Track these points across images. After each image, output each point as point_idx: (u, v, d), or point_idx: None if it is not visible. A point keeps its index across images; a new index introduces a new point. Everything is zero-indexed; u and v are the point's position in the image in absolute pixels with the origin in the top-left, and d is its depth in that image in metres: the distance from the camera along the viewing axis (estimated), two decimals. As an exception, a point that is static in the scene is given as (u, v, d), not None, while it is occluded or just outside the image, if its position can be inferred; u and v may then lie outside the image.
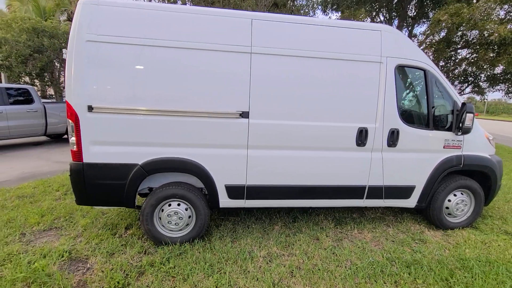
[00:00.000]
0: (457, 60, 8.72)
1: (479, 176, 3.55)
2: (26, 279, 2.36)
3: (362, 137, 3.07)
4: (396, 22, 10.49)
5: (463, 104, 3.13)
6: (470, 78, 9.38)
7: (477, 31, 6.96)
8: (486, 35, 6.72)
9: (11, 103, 7.60)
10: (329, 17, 11.06)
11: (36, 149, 8.08)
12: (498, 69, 8.48)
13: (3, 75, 14.79)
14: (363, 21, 11.34)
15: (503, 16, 7.30)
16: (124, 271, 2.55)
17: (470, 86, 9.65)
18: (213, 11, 2.88)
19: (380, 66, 3.04)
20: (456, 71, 9.39)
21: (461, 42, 7.85)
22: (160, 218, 2.98)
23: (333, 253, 2.93)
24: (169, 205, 2.97)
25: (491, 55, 7.24)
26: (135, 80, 2.73)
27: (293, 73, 2.93)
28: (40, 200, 4.17)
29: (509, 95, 9.37)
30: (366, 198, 3.29)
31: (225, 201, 3.07)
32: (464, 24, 6.52)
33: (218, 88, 2.84)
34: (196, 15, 2.81)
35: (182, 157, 2.87)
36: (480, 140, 3.44)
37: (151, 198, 2.90)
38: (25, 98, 7.94)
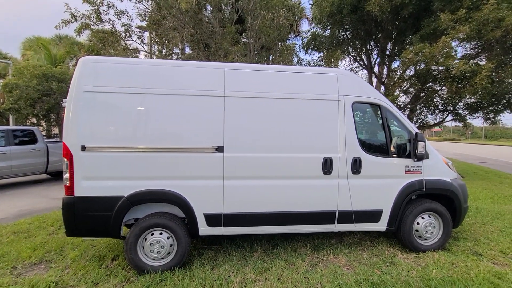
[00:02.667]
0: (428, 93, 9.37)
1: (445, 200, 3.80)
2: (13, 308, 2.53)
3: (327, 165, 3.40)
4: (375, 59, 11.45)
5: (416, 134, 3.51)
6: (449, 107, 9.98)
7: (442, 67, 7.68)
8: (449, 70, 7.41)
9: (16, 144, 8.09)
10: (311, 57, 12.05)
11: (36, 186, 8.39)
12: (474, 98, 9.08)
13: (11, 117, 15.65)
14: (340, 60, 12.39)
15: (462, 54, 8.11)
16: (106, 298, 2.72)
17: (450, 115, 10.23)
18: (193, 63, 3.43)
19: (339, 104, 3.48)
20: (435, 100, 10.03)
21: (429, 77, 8.56)
22: (143, 247, 3.20)
23: (305, 277, 3.08)
24: (152, 234, 3.20)
25: (458, 86, 7.88)
26: (127, 122, 3.17)
27: (262, 111, 3.37)
28: (34, 235, 4.38)
29: (488, 121, 9.90)
30: (337, 223, 3.52)
31: (204, 229, 3.31)
32: (427, 61, 7.24)
33: (197, 126, 3.26)
34: (177, 67, 3.36)
35: (164, 188, 3.18)
36: (439, 165, 3.75)
37: (135, 228, 3.15)
38: (29, 138, 8.46)
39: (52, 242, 4.06)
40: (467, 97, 8.69)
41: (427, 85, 9.34)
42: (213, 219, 3.30)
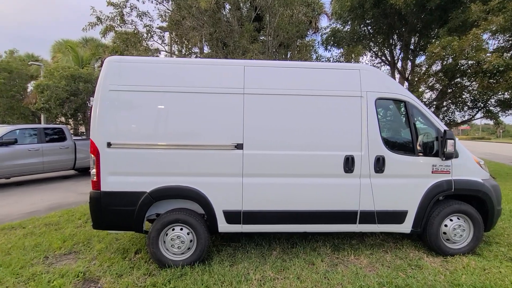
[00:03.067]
0: (456, 88, 8.85)
1: (476, 201, 3.57)
2: (45, 295, 2.69)
3: (349, 164, 3.31)
4: (398, 54, 10.99)
5: (445, 131, 3.32)
6: (480, 103, 9.38)
7: (472, 61, 7.21)
8: (480, 64, 6.94)
9: (47, 141, 8.58)
10: (331, 53, 11.81)
11: (65, 182, 8.87)
12: (507, 94, 8.48)
13: (43, 116, 16.65)
14: (361, 56, 11.99)
15: (494, 47, 7.55)
16: (129, 290, 2.81)
17: (480, 112, 9.61)
18: (213, 61, 3.46)
19: (361, 100, 3.37)
20: (464, 96, 9.47)
21: (457, 72, 8.07)
22: (164, 241, 3.28)
23: (325, 277, 3.03)
24: (173, 229, 3.28)
25: (491, 81, 7.37)
26: (149, 120, 3.26)
27: (282, 108, 3.33)
28: (64, 227, 4.63)
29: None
30: (359, 223, 3.41)
31: (223, 225, 3.33)
32: (455, 55, 6.83)
33: (216, 124, 3.29)
34: (197, 65, 3.40)
35: (184, 185, 3.24)
36: (470, 164, 3.54)
37: (157, 223, 3.24)
38: (59, 136, 8.95)
39: (80, 235, 4.27)
40: (500, 93, 8.12)
41: (455, 81, 8.83)
42: (232, 216, 3.31)
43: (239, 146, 3.25)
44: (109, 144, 3.16)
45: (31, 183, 8.61)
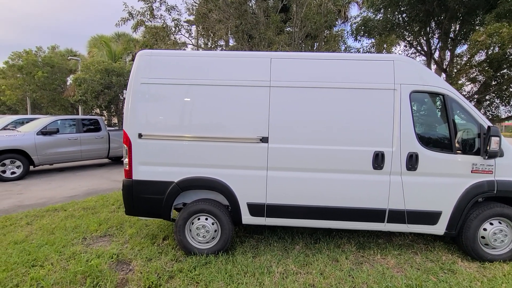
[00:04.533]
0: (503, 80, 8.01)
1: (522, 205, 3.26)
2: (84, 273, 2.93)
3: (378, 160, 3.16)
4: (436, 43, 10.18)
5: (489, 127, 3.04)
6: (529, 97, 8.45)
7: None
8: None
9: (84, 131, 9.21)
10: (361, 44, 11.22)
11: (100, 169, 9.49)
12: None
13: (80, 107, 17.87)
14: (394, 46, 11.24)
15: None
16: (158, 274, 2.97)
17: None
18: (239, 54, 3.44)
19: (394, 93, 3.18)
20: (511, 90, 8.58)
21: (505, 62, 7.28)
22: (190, 230, 3.40)
23: (349, 275, 2.96)
24: (198, 219, 3.38)
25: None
26: (176, 112, 3.35)
27: (309, 102, 3.24)
28: (99, 211, 4.97)
29: None
30: (387, 222, 3.28)
31: (247, 217, 3.37)
32: (504, 44, 6.14)
33: (242, 117, 3.29)
34: (226, 58, 3.42)
35: (210, 176, 3.31)
36: (517, 164, 3.22)
37: (184, 212, 3.36)
38: (95, 126, 9.55)
39: (113, 219, 4.56)
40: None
41: (501, 72, 8.01)
42: (255, 209, 3.34)
43: (264, 140, 3.24)
44: (140, 135, 3.30)
45: (71, 169, 9.32)
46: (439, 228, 3.26)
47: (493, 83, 8.80)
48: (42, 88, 19.05)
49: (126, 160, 3.36)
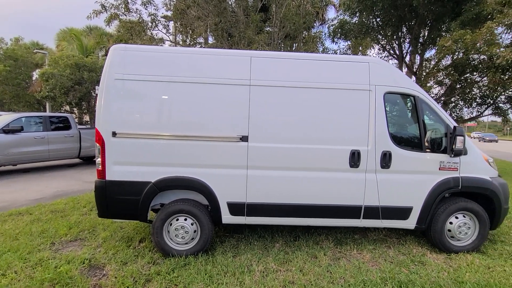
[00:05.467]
0: (466, 84, 8.65)
1: (482, 199, 3.53)
2: (52, 280, 2.74)
3: (355, 158, 3.27)
4: (407, 47, 10.74)
5: (455, 127, 3.25)
6: (489, 100, 9.19)
7: (484, 56, 7.02)
8: (493, 59, 6.75)
9: (52, 129, 8.64)
10: (338, 46, 11.62)
11: (70, 170, 8.96)
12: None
13: (48, 104, 16.74)
14: (369, 49, 11.75)
15: (508, 41, 7.32)
16: (134, 278, 2.85)
17: (489, 108, 9.42)
18: (219, 51, 3.39)
19: (369, 94, 3.30)
20: (473, 93, 9.27)
21: (468, 67, 7.87)
22: (168, 231, 3.30)
23: (327, 271, 3.03)
24: (177, 219, 3.29)
25: (502, 76, 7.18)
26: (154, 110, 3.24)
27: (288, 101, 3.28)
28: (70, 214, 4.69)
29: (533, 116, 9.03)
30: (363, 218, 3.40)
31: (227, 217, 3.34)
32: (467, 49, 6.64)
33: (222, 115, 3.26)
34: (206, 55, 3.35)
35: (189, 176, 3.24)
36: (478, 162, 3.48)
37: (161, 213, 3.26)
38: (64, 125, 8.99)
39: (85, 222, 4.32)
40: (511, 89, 7.93)
41: (465, 76, 8.63)
42: (236, 208, 3.32)
43: (244, 138, 3.23)
44: (114, 134, 3.15)
45: (37, 170, 8.71)
46: (410, 223, 3.44)
47: (458, 86, 9.45)
48: (4, 83, 17.62)
49: (98, 160, 3.19)
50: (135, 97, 3.22)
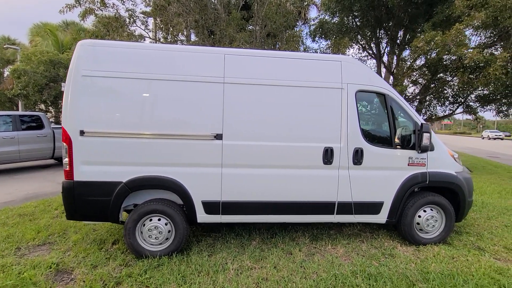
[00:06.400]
0: (439, 83, 9.05)
1: (448, 193, 3.70)
2: (14, 287, 2.61)
3: (328, 155, 3.33)
4: (385, 47, 11.08)
5: (422, 124, 3.38)
6: (460, 98, 9.65)
7: (454, 56, 7.36)
8: (462, 59, 7.10)
9: (23, 129, 8.22)
10: (318, 45, 11.81)
11: (43, 171, 8.57)
12: (486, 90, 8.75)
13: (20, 103, 15.90)
14: (348, 48, 12.05)
15: (477, 43, 7.75)
16: (104, 281, 2.77)
17: (460, 107, 9.91)
18: (192, 48, 3.35)
19: (342, 92, 3.37)
20: (446, 92, 9.70)
21: (440, 67, 8.23)
22: (142, 232, 3.23)
23: (301, 266, 3.08)
24: (150, 220, 3.23)
25: (470, 76, 7.57)
26: (125, 108, 3.14)
27: (262, 99, 3.29)
28: (39, 218, 4.48)
29: (500, 114, 9.57)
30: (336, 214, 3.47)
31: (202, 216, 3.31)
32: (439, 50, 6.95)
33: (195, 113, 3.22)
34: (179, 52, 3.30)
35: (162, 175, 3.18)
36: (444, 157, 3.64)
37: (134, 214, 3.18)
38: (36, 124, 8.58)
39: (55, 225, 4.15)
40: (479, 89, 8.37)
41: (438, 76, 9.01)
42: (211, 207, 3.29)
43: (219, 137, 3.21)
44: (82, 132, 3.04)
45: (6, 172, 8.27)
46: (382, 217, 3.55)
47: (432, 85, 9.85)
48: (-30, 79, 16.53)
49: (66, 160, 3.07)
50: (104, 94, 3.11)
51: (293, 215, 3.45)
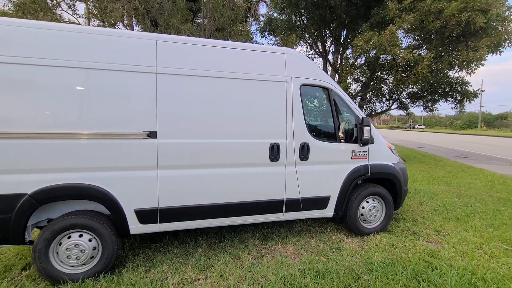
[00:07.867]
0: (377, 81, 9.86)
1: (387, 183, 3.89)
2: None
3: (274, 152, 3.19)
4: (329, 45, 11.62)
5: (362, 118, 3.46)
6: (395, 95, 10.65)
7: (389, 56, 8.04)
8: (395, 59, 7.79)
9: None
10: (268, 41, 11.91)
11: None
12: (416, 87, 9.78)
13: None
14: (295, 46, 12.40)
15: (407, 44, 8.64)
16: (1, 321, 2.18)
17: (395, 103, 10.96)
18: (113, 31, 2.84)
19: (286, 86, 3.25)
20: (383, 89, 10.61)
21: (378, 66, 8.95)
22: (57, 253, 2.66)
23: (249, 271, 2.88)
24: (69, 237, 2.68)
25: (403, 75, 8.39)
26: (25, 102, 2.51)
27: (202, 92, 2.97)
28: None
29: (426, 109, 10.86)
30: (285, 212, 3.36)
31: (136, 227, 2.88)
32: (376, 50, 7.51)
33: (123, 108, 2.75)
34: (96, 35, 2.75)
35: (81, 182, 2.65)
36: (383, 150, 3.81)
37: (46, 231, 2.59)
38: None
39: None
40: (410, 86, 9.29)
41: (376, 74, 9.76)
42: (146, 215, 2.88)
43: (152, 135, 2.80)
44: (-37, 134, 2.34)
45: None
46: (329, 211, 3.56)
47: (371, 83, 10.64)
48: None
49: None
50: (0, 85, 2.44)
51: (240, 217, 3.23)
